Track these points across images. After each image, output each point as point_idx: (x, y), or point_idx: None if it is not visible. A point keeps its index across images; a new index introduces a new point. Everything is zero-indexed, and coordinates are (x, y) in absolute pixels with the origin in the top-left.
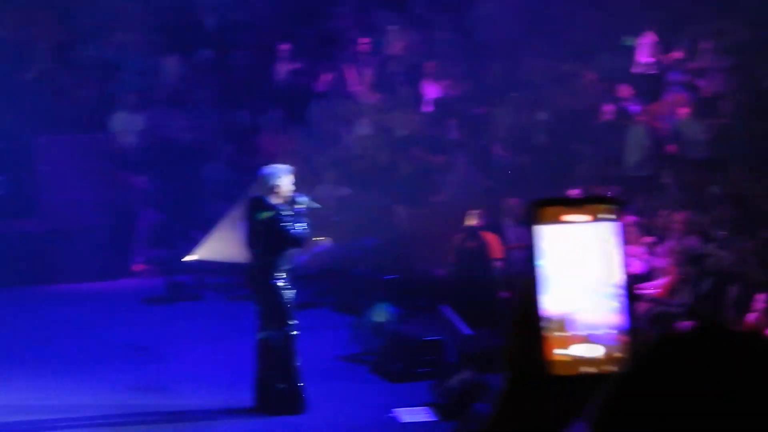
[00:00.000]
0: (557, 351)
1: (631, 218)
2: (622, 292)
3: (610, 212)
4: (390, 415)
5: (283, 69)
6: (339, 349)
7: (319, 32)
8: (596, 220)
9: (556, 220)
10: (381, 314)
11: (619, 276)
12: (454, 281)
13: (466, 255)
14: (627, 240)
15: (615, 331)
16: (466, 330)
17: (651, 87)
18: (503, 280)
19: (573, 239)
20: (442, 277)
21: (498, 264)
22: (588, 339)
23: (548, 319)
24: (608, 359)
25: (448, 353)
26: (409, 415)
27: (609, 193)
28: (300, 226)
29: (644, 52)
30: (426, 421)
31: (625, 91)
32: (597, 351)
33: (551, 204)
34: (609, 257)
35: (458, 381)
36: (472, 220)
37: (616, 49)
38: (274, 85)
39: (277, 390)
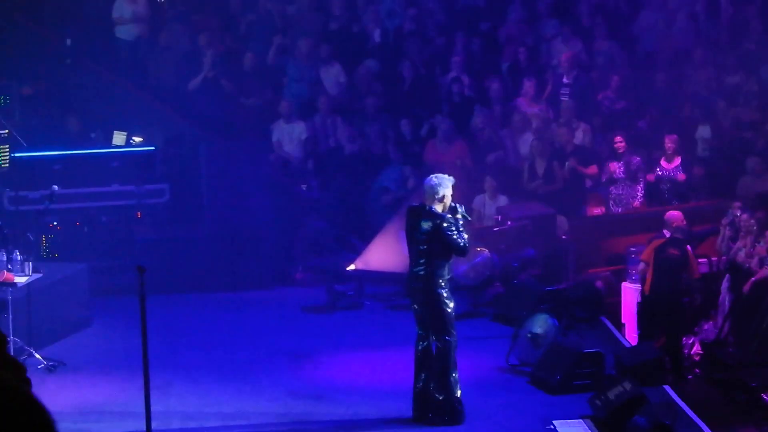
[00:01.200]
0: None
1: None
2: None
3: None
4: (548, 427)
5: (449, 78)
6: (498, 360)
7: (487, 41)
8: None
9: None
10: (540, 325)
11: None
12: (652, 288)
13: (666, 262)
14: None
15: None
16: (626, 342)
17: None
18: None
19: None
20: (602, 289)
21: (695, 283)
22: None
23: None
24: None
25: (607, 366)
26: (567, 427)
27: None
28: (462, 235)
29: None
30: None
31: None
32: None
33: None
34: None
35: (617, 394)
36: (673, 228)
37: None
38: (440, 95)
39: (436, 401)
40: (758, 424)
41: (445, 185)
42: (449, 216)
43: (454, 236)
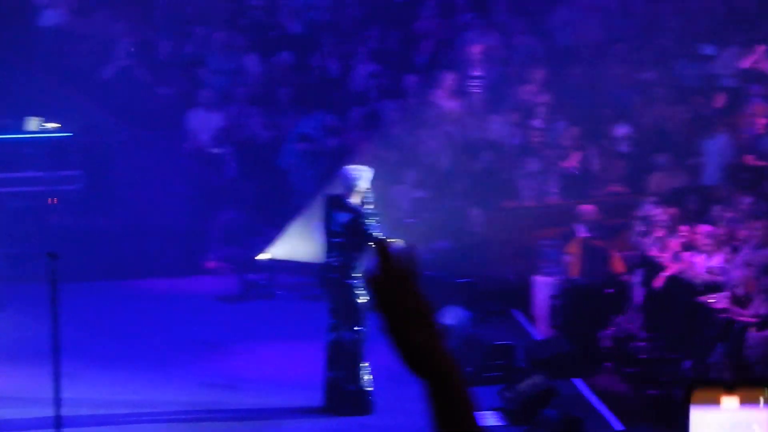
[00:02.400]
0: None
1: (706, 228)
2: None
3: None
4: None
5: (363, 71)
6: None
7: (402, 35)
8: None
9: (713, 403)
10: (453, 317)
11: None
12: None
13: (589, 252)
14: (704, 250)
15: None
16: (537, 335)
17: (731, 97)
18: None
19: (730, 424)
20: (514, 281)
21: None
22: None
23: None
24: None
25: (518, 358)
26: (479, 419)
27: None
28: (376, 226)
29: (726, 61)
30: (495, 426)
31: (704, 101)
32: None
33: (709, 386)
34: None
35: (528, 386)
36: (585, 221)
37: (696, 58)
38: (353, 87)
39: (346, 391)
40: (668, 419)
41: (360, 176)
42: (366, 208)
43: (369, 227)
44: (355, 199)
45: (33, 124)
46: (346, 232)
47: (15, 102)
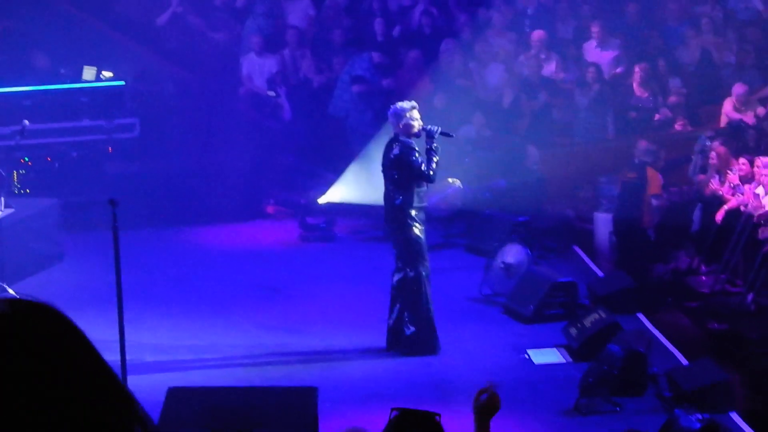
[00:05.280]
0: None
1: (765, 160)
2: None
3: None
4: (522, 356)
5: (418, 10)
6: (471, 291)
7: None
8: None
9: None
10: (513, 255)
11: None
12: (614, 216)
13: (626, 187)
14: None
15: None
16: (599, 272)
17: None
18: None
19: None
20: (573, 219)
21: (652, 200)
22: None
23: None
24: None
25: (580, 295)
26: (542, 356)
27: None
28: (430, 163)
29: None
30: (558, 363)
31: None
32: None
33: None
34: None
35: (590, 322)
36: (639, 153)
37: None
38: (409, 27)
39: (409, 331)
40: (730, 352)
41: (404, 113)
42: (413, 143)
43: (417, 163)
44: (406, 136)
45: (89, 73)
46: (395, 167)
47: (70, 52)
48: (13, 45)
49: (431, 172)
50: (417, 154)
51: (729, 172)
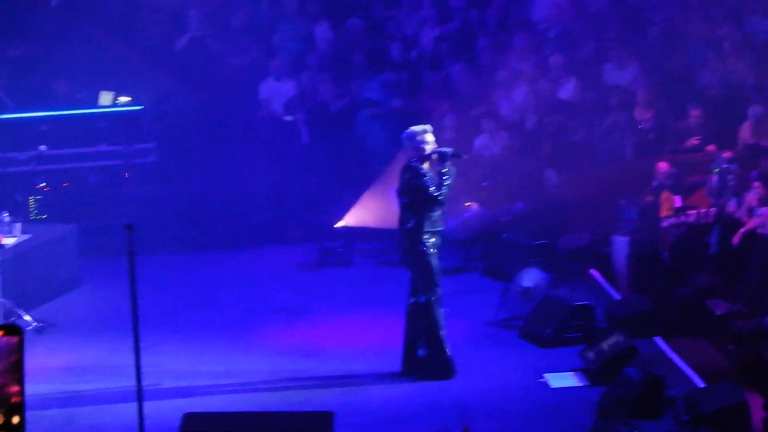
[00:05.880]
0: None
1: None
2: None
3: None
4: (540, 380)
5: (433, 34)
6: (488, 315)
7: None
8: None
9: None
10: (531, 279)
11: None
12: (630, 239)
13: (644, 210)
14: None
15: None
16: (616, 295)
17: None
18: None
19: None
20: (591, 242)
21: (664, 223)
22: None
23: None
24: None
25: (597, 318)
26: (559, 380)
27: None
28: (444, 184)
29: None
30: (576, 386)
31: None
32: None
33: None
34: None
35: (608, 346)
36: (659, 175)
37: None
38: (423, 50)
39: (424, 356)
40: (750, 376)
41: (417, 136)
42: (422, 168)
43: (427, 186)
44: (420, 160)
45: (106, 98)
46: (407, 192)
47: (88, 76)
48: (33, 70)
49: (441, 196)
50: (427, 178)
51: (746, 194)
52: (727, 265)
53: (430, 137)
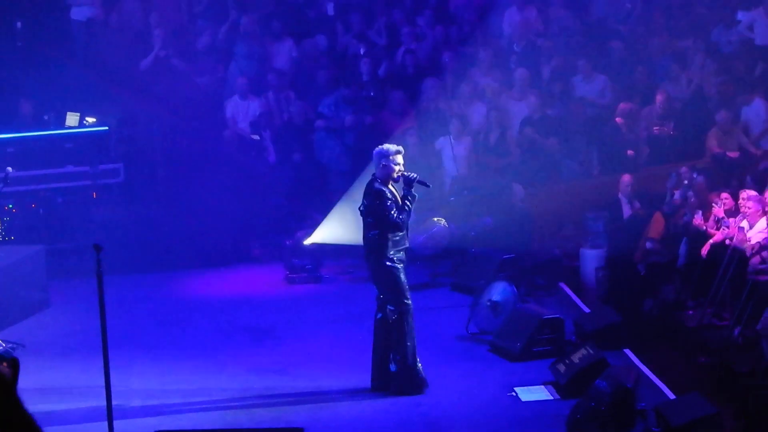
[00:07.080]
0: None
1: (749, 193)
2: None
3: None
4: (510, 394)
5: (399, 51)
6: (458, 329)
7: (435, 13)
8: None
9: None
10: (500, 293)
11: None
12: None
13: (626, 224)
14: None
15: None
16: (585, 308)
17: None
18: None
19: None
20: (560, 255)
21: (647, 243)
22: None
23: None
24: None
25: (567, 332)
26: (530, 393)
27: None
28: (405, 209)
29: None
30: (546, 400)
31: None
32: None
33: None
34: None
35: (578, 359)
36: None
37: (731, 24)
38: (390, 67)
39: (394, 370)
40: (718, 386)
41: (388, 155)
42: (384, 190)
43: (388, 210)
44: (386, 179)
45: (72, 119)
46: (371, 215)
47: (54, 98)
48: None
49: (401, 220)
50: (389, 203)
51: (713, 205)
52: (696, 277)
53: (400, 159)
